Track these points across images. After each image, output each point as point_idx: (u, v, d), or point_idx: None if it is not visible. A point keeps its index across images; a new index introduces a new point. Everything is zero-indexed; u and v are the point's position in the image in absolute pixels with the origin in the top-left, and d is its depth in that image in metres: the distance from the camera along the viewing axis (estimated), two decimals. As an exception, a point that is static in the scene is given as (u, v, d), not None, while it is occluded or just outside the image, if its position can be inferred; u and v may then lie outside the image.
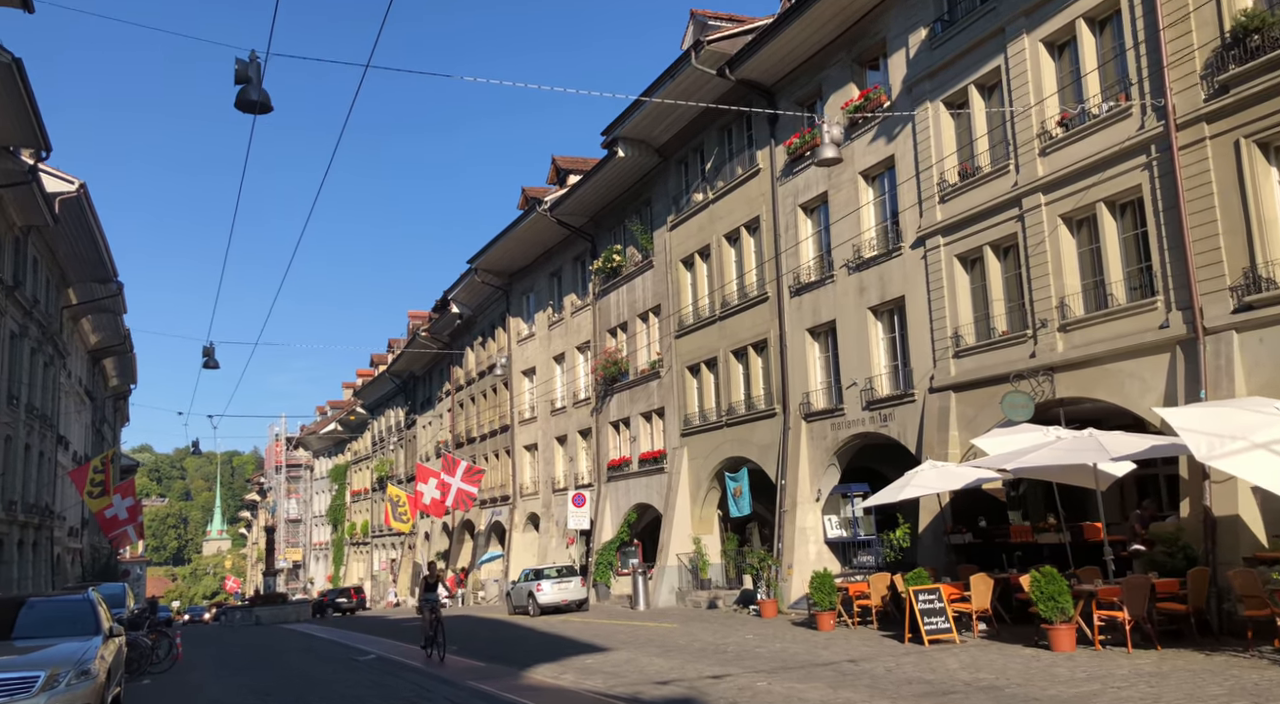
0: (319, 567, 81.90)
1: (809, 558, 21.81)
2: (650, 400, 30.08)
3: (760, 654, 14.44)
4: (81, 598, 11.60)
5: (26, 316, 31.05)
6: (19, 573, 30.44)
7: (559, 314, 37.11)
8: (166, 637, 17.70)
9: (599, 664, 14.61)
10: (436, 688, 13.03)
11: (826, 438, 21.68)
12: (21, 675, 9.02)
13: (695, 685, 11.73)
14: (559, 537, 36.35)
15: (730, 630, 18.39)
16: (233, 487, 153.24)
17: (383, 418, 65.38)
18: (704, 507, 27.01)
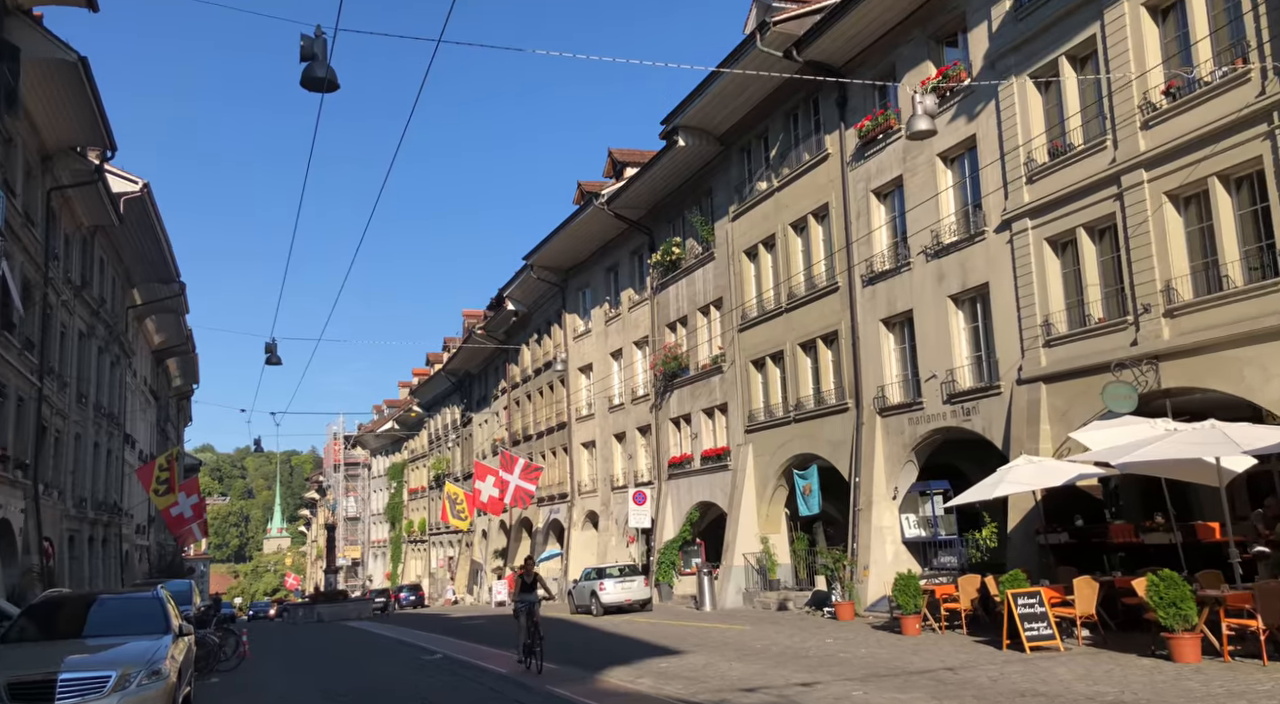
0: (377, 564, 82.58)
1: (886, 559, 20.92)
2: (712, 396, 29.35)
3: (846, 660, 13.67)
4: (151, 596, 11.34)
5: (94, 316, 31.37)
6: (90, 569, 30.76)
7: (616, 309, 36.55)
8: (233, 634, 17.48)
9: (675, 668, 13.96)
10: (509, 690, 12.50)
11: (904, 433, 20.76)
12: (94, 675, 8.80)
13: (784, 694, 11.02)
14: (619, 535, 35.80)
15: (807, 634, 17.62)
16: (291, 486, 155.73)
17: (439, 416, 65.54)
18: (771, 505, 26.21)
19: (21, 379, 23.04)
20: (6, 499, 21.84)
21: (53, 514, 26.45)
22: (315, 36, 10.20)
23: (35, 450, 24.28)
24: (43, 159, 24.84)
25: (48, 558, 25.23)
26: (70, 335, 28.57)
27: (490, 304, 50.17)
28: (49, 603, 11.29)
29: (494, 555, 51.32)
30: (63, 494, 27.68)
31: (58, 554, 26.42)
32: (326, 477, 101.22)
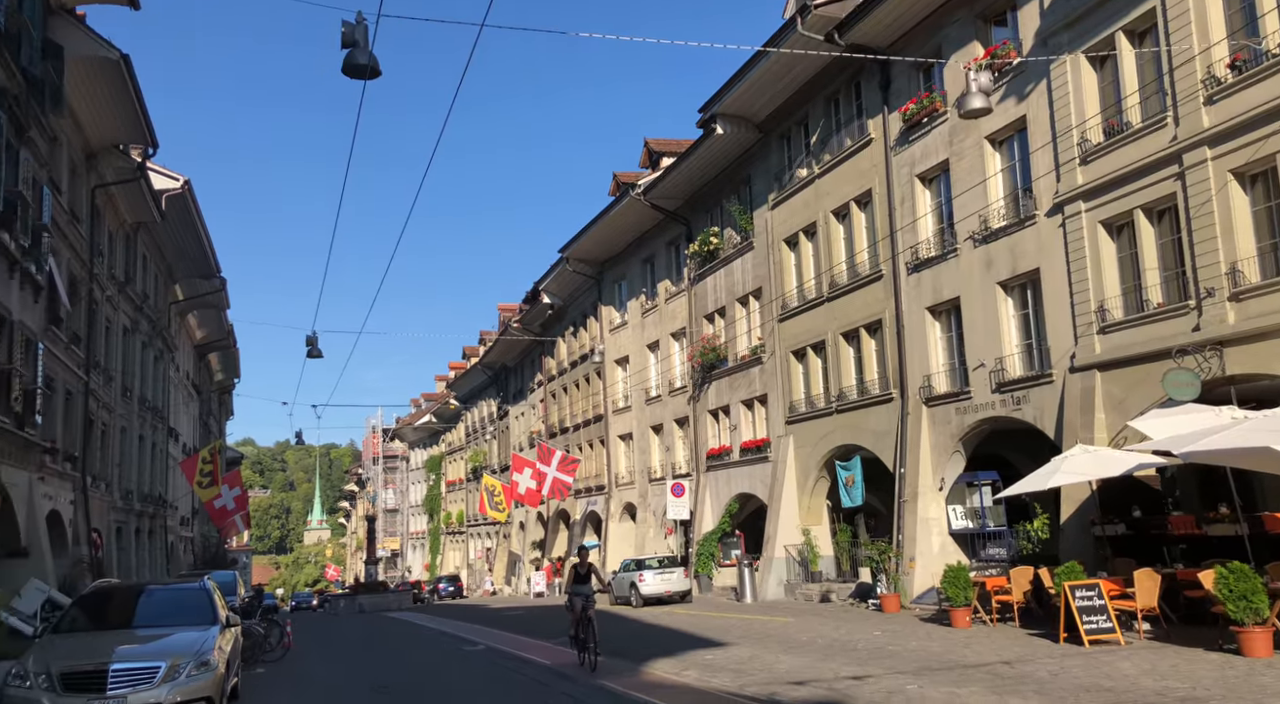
0: (416, 555, 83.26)
1: (932, 550, 20.53)
2: (751, 387, 29.04)
3: (896, 653, 13.37)
4: (198, 587, 11.35)
5: (137, 312, 31.74)
6: (137, 560, 31.19)
7: (653, 301, 36.32)
8: (277, 625, 17.54)
9: (721, 661, 13.74)
10: (554, 682, 12.36)
11: (950, 423, 20.34)
12: (144, 666, 8.85)
13: (835, 687, 10.76)
14: (657, 527, 35.64)
15: (852, 626, 17.31)
16: (331, 478, 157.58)
17: (475, 410, 65.81)
18: (812, 496, 25.88)
19: (69, 373, 23.32)
20: (56, 491, 22.13)
21: (100, 506, 26.81)
22: (356, 23, 10.08)
23: (83, 443, 24.60)
24: (87, 157, 25.10)
25: (96, 549, 25.56)
26: (115, 330, 28.92)
27: (525, 298, 50.18)
28: (99, 593, 11.34)
29: (532, 547, 51.43)
30: (110, 486, 28.05)
31: (106, 545, 26.78)
32: (365, 469, 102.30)
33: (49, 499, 21.30)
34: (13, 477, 18.16)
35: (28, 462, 19.36)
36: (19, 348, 18.24)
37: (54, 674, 8.54)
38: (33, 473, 19.66)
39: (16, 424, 18.18)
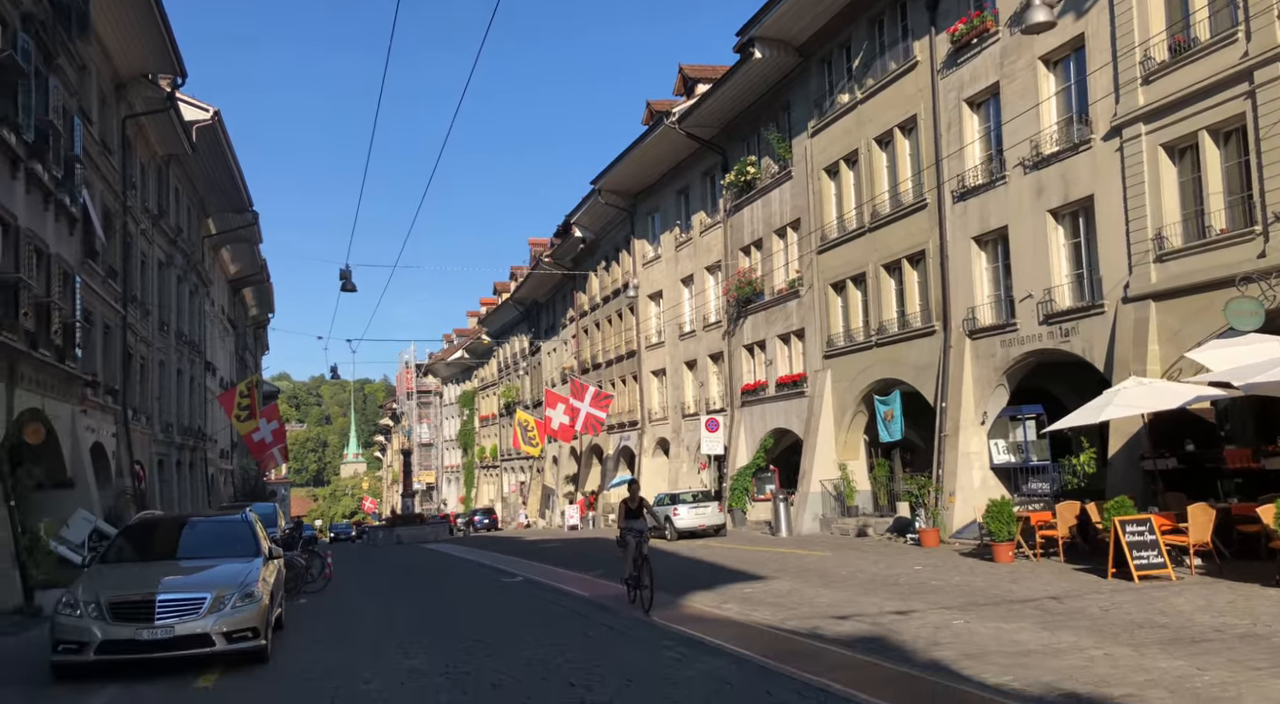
0: (451, 489, 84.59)
1: (973, 485, 20.26)
2: (788, 321, 28.62)
3: (939, 588, 13.20)
4: (240, 519, 11.38)
5: (172, 245, 31.78)
6: (179, 492, 31.78)
7: (687, 234, 35.75)
8: (318, 556, 17.73)
9: (760, 594, 13.67)
10: (593, 614, 12.35)
11: (994, 356, 19.88)
12: (190, 597, 8.84)
13: (880, 622, 10.62)
14: (690, 462, 35.67)
15: (892, 561, 17.18)
16: (365, 413, 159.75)
17: (507, 345, 65.96)
18: (849, 431, 25.62)
19: (107, 307, 23.43)
20: (98, 424, 22.41)
21: (142, 439, 27.20)
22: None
23: (123, 377, 24.84)
24: (116, 87, 24.84)
25: (139, 481, 26.00)
26: (150, 264, 28.99)
27: (557, 231, 49.74)
28: (143, 524, 11.43)
29: (565, 481, 51.90)
30: (150, 420, 28.42)
31: (148, 477, 27.24)
32: (399, 404, 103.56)
33: (92, 432, 21.57)
34: (56, 409, 18.34)
35: (70, 395, 19.54)
36: (57, 281, 18.26)
37: (103, 603, 8.58)
38: (75, 406, 19.87)
39: (57, 357, 18.29)
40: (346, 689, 7.86)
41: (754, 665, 8.26)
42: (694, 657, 8.81)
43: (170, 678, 8.50)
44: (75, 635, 8.46)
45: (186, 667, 8.74)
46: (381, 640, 10.58)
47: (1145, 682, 7.09)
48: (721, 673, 7.96)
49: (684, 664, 8.46)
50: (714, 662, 8.49)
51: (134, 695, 7.93)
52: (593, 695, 7.21)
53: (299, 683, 8.22)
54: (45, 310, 17.56)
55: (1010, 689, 7.13)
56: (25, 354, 16.13)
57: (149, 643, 8.45)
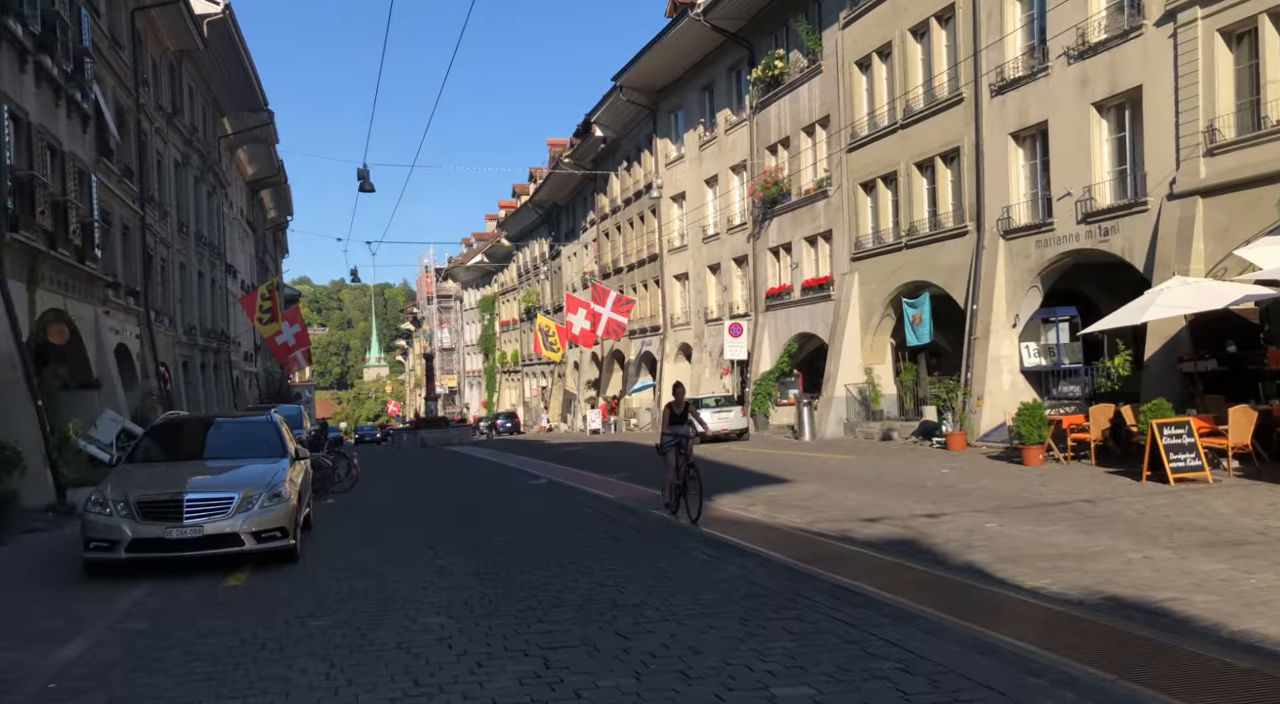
0: (473, 393, 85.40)
1: (1001, 388, 20.01)
2: (815, 223, 27.99)
3: (969, 491, 13.08)
4: (265, 420, 11.30)
5: (187, 145, 31.27)
6: (204, 394, 32.09)
7: (711, 133, 34.78)
8: (344, 457, 17.85)
9: (786, 497, 13.62)
10: (621, 517, 12.33)
11: (1029, 257, 19.33)
12: (218, 497, 8.79)
13: (910, 525, 10.51)
14: (712, 367, 35.56)
15: (918, 464, 17.09)
16: (386, 317, 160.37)
17: (527, 249, 65.44)
18: (876, 335, 25.30)
19: (125, 207, 23.15)
20: (122, 325, 22.42)
21: (166, 341, 27.29)
22: None
23: (144, 278, 24.75)
24: (121, -23, 23.99)
25: (165, 382, 26.19)
26: (166, 164, 28.57)
27: (577, 131, 48.58)
28: (170, 425, 11.36)
29: (586, 386, 52.12)
30: (173, 322, 28.47)
31: (173, 379, 27.44)
32: (420, 308, 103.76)
33: (115, 333, 21.59)
34: (78, 310, 18.28)
35: (91, 296, 19.46)
36: (72, 180, 17.95)
37: (131, 502, 8.54)
38: (97, 307, 19.81)
39: (77, 258, 18.13)
40: (377, 588, 7.85)
41: (784, 568, 8.16)
42: (723, 559, 8.73)
43: (202, 576, 8.53)
44: (106, 533, 8.46)
45: (217, 565, 8.77)
46: (410, 541, 10.61)
47: (1189, 585, 6.92)
48: (751, 575, 7.87)
49: (713, 566, 8.39)
50: (743, 564, 8.40)
51: (166, 592, 7.96)
52: (624, 596, 7.14)
53: (329, 582, 8.22)
54: (62, 209, 17.31)
55: (1049, 593, 6.99)
56: (44, 254, 15.97)
57: (178, 542, 8.44)
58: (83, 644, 6.24)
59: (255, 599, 7.56)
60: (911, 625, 5.93)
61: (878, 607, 6.50)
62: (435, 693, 4.93)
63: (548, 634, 6.07)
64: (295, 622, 6.67)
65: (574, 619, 6.46)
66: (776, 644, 5.62)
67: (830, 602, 6.72)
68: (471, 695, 4.87)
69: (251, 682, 5.24)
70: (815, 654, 5.36)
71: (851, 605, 6.59)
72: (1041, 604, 6.65)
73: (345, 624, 6.56)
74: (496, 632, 6.19)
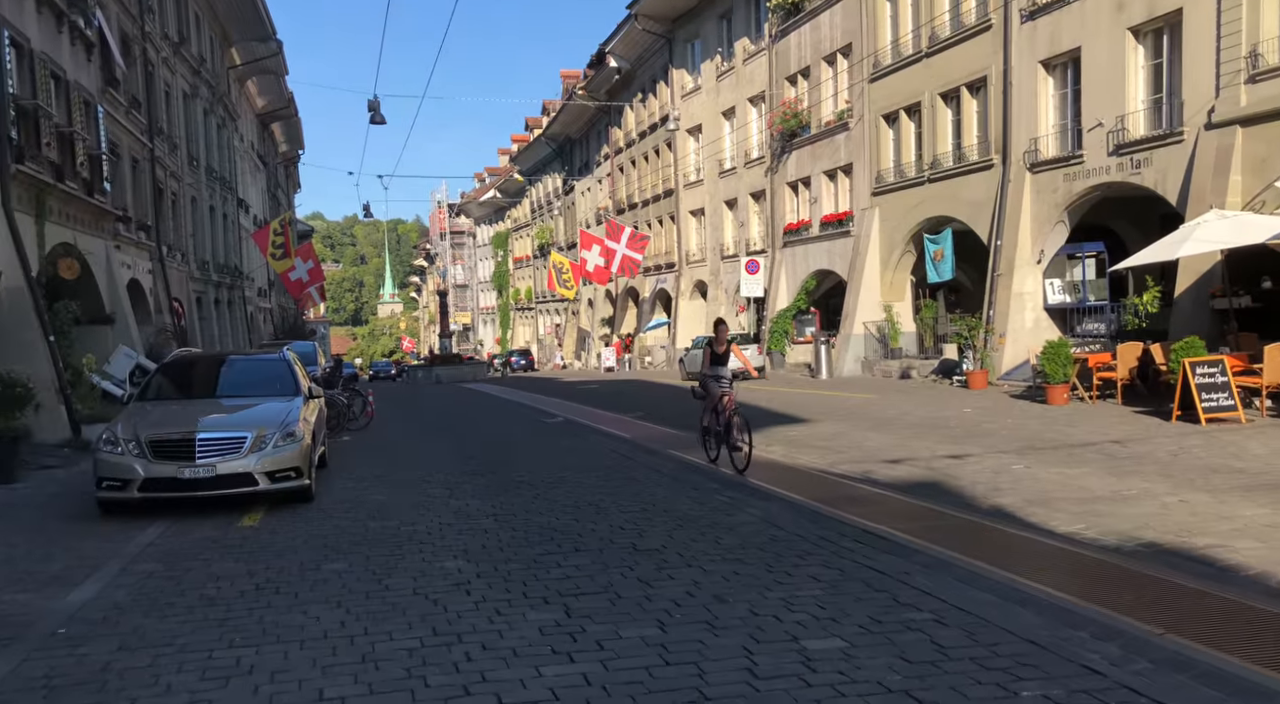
0: (487, 330, 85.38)
1: (1024, 326, 19.64)
2: (835, 156, 27.32)
3: (993, 431, 12.84)
4: (278, 358, 11.07)
5: (195, 76, 30.68)
6: (219, 329, 32.05)
7: (729, 63, 33.84)
8: (359, 395, 17.72)
9: (805, 437, 13.42)
10: (638, 456, 12.18)
11: (1056, 190, 18.78)
12: (230, 436, 8.62)
13: (934, 466, 10.29)
14: (728, 304, 35.20)
15: (940, 403, 16.84)
16: (399, 254, 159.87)
17: (540, 185, 64.63)
18: (895, 272, 24.86)
19: (132, 139, 22.76)
20: (134, 260, 22.22)
21: (179, 276, 27.12)
22: None
23: (155, 212, 24.47)
24: (120, -101, 23.19)
25: (179, 318, 26.10)
26: (174, 95, 28.05)
27: (590, 62, 47.50)
28: (181, 362, 11.15)
29: (600, 323, 51.89)
30: (185, 257, 28.26)
31: (187, 315, 27.34)
32: (433, 245, 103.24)
33: (127, 268, 21.40)
34: (88, 244, 18.06)
35: (102, 229, 19.22)
36: (78, 110, 17.56)
37: (143, 441, 8.40)
38: (108, 241, 19.59)
39: (86, 190, 17.85)
40: (393, 530, 7.72)
41: (807, 511, 7.97)
42: (742, 501, 8.56)
43: (216, 516, 8.43)
44: (118, 473, 8.34)
45: (232, 505, 8.67)
46: (426, 481, 10.48)
47: (1230, 531, 6.69)
48: (774, 518, 7.69)
49: (733, 508, 8.21)
50: (764, 506, 8.22)
51: (180, 532, 7.86)
52: (644, 542, 6.97)
53: (345, 522, 8.10)
54: (69, 141, 16.97)
55: (1084, 538, 6.78)
56: (51, 186, 15.69)
57: (191, 481, 8.31)
58: (94, 587, 6.13)
59: (270, 541, 7.45)
60: (944, 573, 5.73)
61: (907, 553, 6.31)
62: (454, 642, 4.77)
63: (568, 580, 5.91)
64: (310, 565, 6.55)
65: (594, 564, 6.31)
66: (804, 593, 5.44)
67: (857, 547, 6.53)
68: (491, 645, 4.71)
69: (265, 629, 5.11)
70: (845, 604, 5.18)
71: (880, 551, 6.40)
72: (1077, 550, 6.43)
73: (361, 568, 6.43)
74: (515, 577, 6.04)
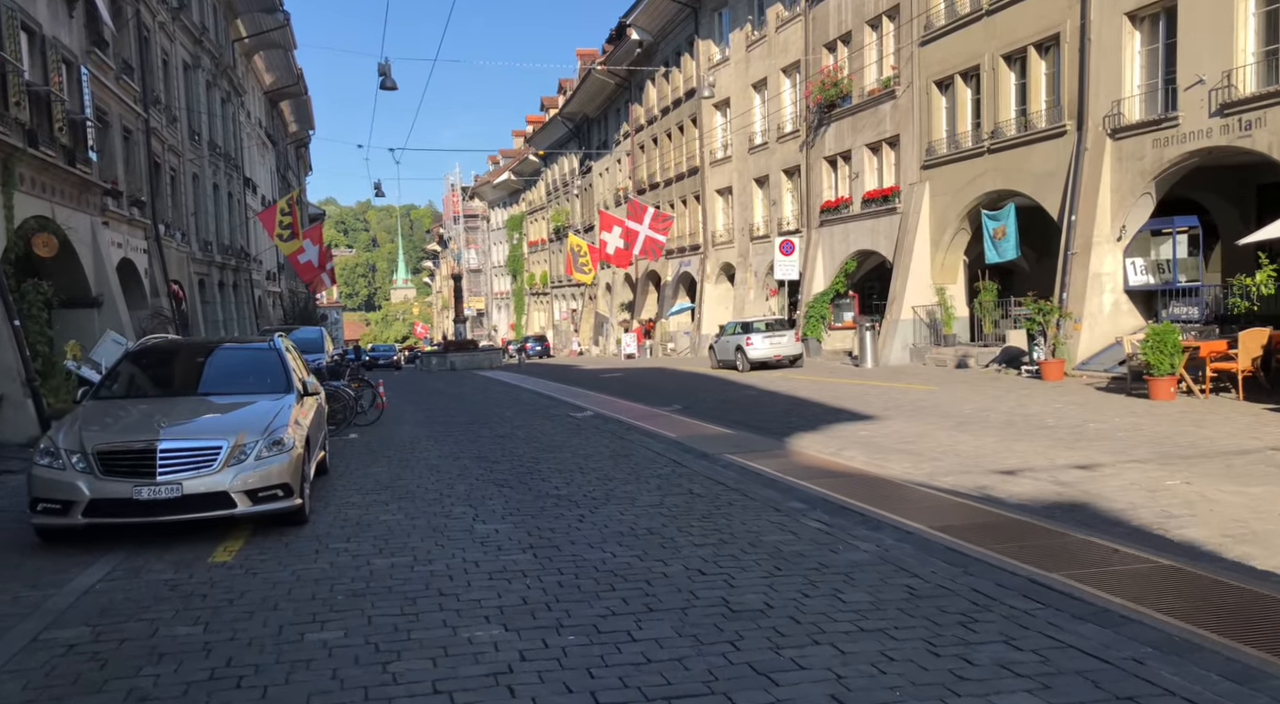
0: (501, 316, 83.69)
1: (1101, 310, 17.75)
2: (880, 128, 25.36)
3: (1107, 433, 10.98)
4: (266, 346, 9.14)
5: (197, 45, 28.93)
6: (223, 314, 30.39)
7: (760, 31, 31.84)
8: (369, 385, 15.96)
9: (881, 438, 11.59)
10: (690, 462, 10.37)
11: (1143, 158, 16.81)
12: (200, 445, 6.81)
13: (1063, 480, 8.46)
14: (758, 288, 33.35)
15: (1018, 397, 14.97)
16: (412, 239, 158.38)
17: (556, 166, 62.73)
18: (948, 252, 22.95)
19: (124, 107, 21.02)
20: (126, 238, 20.54)
21: (178, 257, 25.45)
22: None
23: (150, 188, 22.76)
24: None
25: (179, 302, 24.44)
26: (173, 64, 26.30)
27: (610, 37, 45.50)
28: (148, 352, 9.11)
29: (620, 308, 50.10)
30: (186, 236, 26.59)
31: (188, 298, 25.67)
32: (446, 229, 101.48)
33: (119, 247, 19.72)
34: (70, 219, 16.36)
35: (87, 203, 17.52)
36: (55, 68, 15.81)
37: (90, 453, 6.65)
38: (95, 216, 17.90)
39: (66, 159, 16.14)
40: (405, 568, 5.99)
41: (936, 548, 6.16)
42: (843, 529, 6.77)
43: (184, 545, 6.72)
44: (56, 493, 6.60)
45: (205, 529, 6.95)
46: (444, 494, 8.74)
47: None
48: (896, 557, 5.91)
49: (836, 540, 6.43)
50: (878, 539, 6.43)
51: (134, 567, 6.16)
52: (738, 595, 5.21)
53: (343, 558, 6.36)
54: (44, 102, 15.25)
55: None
56: (21, 151, 13.96)
57: (149, 503, 6.56)
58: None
59: (244, 587, 5.71)
60: (1192, 663, 3.93)
61: (1116, 623, 4.50)
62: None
63: (649, 667, 4.14)
64: (291, 634, 4.80)
65: (680, 637, 4.54)
66: (1011, 698, 3.64)
67: (1036, 610, 4.74)
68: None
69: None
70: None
71: (1073, 618, 4.60)
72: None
73: (358, 639, 4.68)
74: (575, 660, 4.27)
